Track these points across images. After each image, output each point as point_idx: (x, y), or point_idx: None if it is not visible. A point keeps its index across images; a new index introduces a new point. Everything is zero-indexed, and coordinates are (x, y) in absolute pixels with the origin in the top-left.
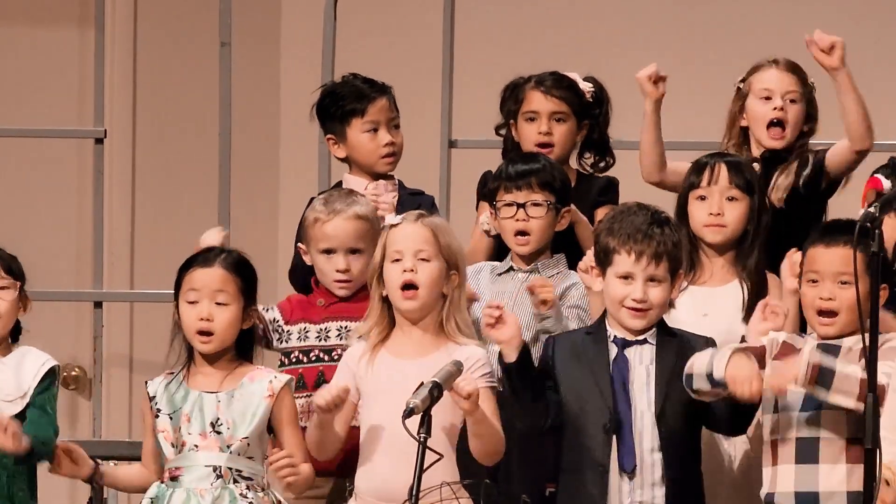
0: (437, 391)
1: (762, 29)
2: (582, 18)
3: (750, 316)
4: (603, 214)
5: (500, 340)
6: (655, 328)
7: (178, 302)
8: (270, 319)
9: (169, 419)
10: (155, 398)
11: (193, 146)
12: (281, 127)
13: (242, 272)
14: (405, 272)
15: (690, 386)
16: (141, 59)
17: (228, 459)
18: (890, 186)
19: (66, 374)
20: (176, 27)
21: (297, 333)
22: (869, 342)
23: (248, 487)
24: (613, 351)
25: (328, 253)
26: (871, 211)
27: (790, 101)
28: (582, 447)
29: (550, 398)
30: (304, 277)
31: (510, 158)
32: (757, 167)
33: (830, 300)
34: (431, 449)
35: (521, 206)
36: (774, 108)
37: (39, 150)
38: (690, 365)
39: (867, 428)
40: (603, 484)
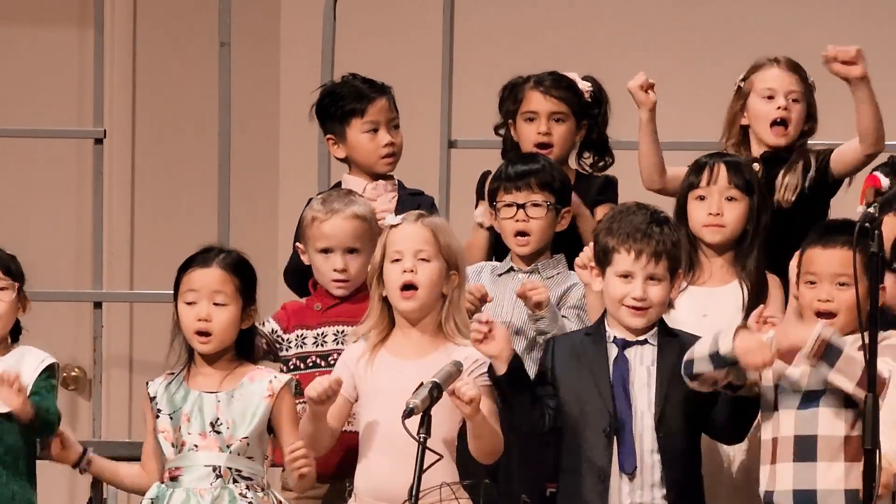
0: (436, 391)
1: (762, 29)
2: (582, 19)
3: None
4: (602, 213)
5: (489, 355)
6: (657, 329)
7: (177, 302)
8: (269, 331)
9: (169, 419)
10: (155, 398)
11: (193, 146)
12: (281, 127)
13: (241, 272)
14: (405, 272)
15: (690, 372)
16: (140, 59)
17: (228, 459)
18: (889, 185)
19: (65, 374)
20: (175, 27)
21: (294, 340)
22: (868, 342)
23: (247, 487)
24: (613, 351)
25: (326, 252)
26: (870, 211)
27: (793, 100)
28: (582, 449)
29: (547, 404)
30: (300, 278)
31: (510, 159)
32: (757, 167)
33: (829, 301)
34: (431, 449)
35: (520, 206)
36: (778, 107)
37: (39, 150)
38: (691, 352)
39: (866, 428)
40: (603, 485)
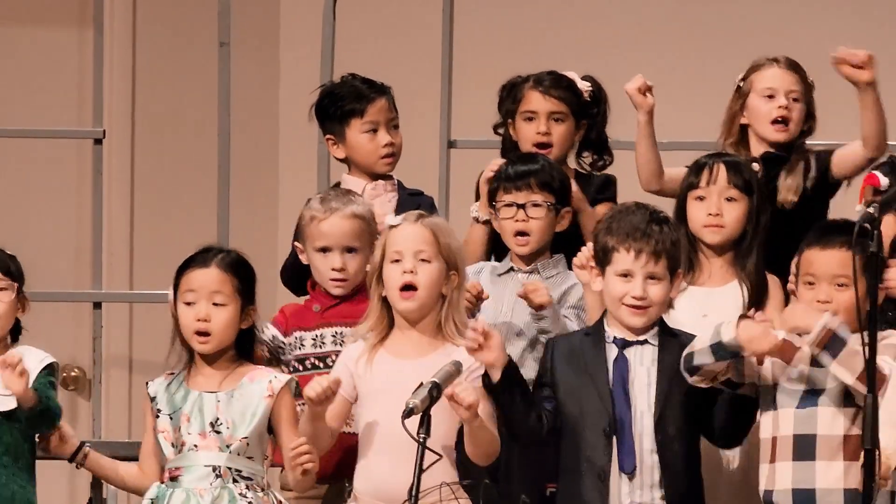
0: (436, 391)
1: (762, 29)
2: (582, 19)
3: None
4: (602, 212)
5: (484, 362)
6: (657, 329)
7: (176, 303)
8: (270, 338)
9: (169, 419)
10: (155, 399)
11: (192, 146)
12: (280, 127)
13: (240, 272)
14: (405, 273)
15: (690, 365)
16: (140, 59)
17: (228, 459)
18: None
19: (65, 374)
20: (175, 27)
21: (292, 343)
22: (868, 342)
23: (247, 487)
24: (613, 352)
25: (324, 251)
26: (870, 212)
27: (793, 99)
28: (581, 449)
29: (544, 408)
30: (297, 277)
31: (509, 159)
32: (757, 167)
33: (828, 302)
34: (431, 449)
35: (520, 206)
36: (779, 106)
37: (39, 150)
38: (691, 345)
39: (866, 429)
40: (602, 485)
